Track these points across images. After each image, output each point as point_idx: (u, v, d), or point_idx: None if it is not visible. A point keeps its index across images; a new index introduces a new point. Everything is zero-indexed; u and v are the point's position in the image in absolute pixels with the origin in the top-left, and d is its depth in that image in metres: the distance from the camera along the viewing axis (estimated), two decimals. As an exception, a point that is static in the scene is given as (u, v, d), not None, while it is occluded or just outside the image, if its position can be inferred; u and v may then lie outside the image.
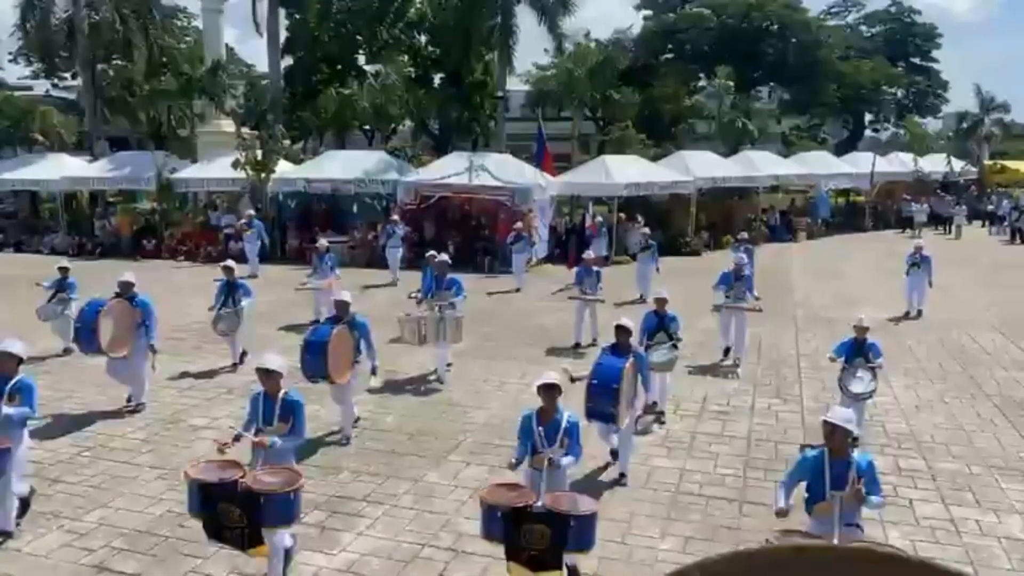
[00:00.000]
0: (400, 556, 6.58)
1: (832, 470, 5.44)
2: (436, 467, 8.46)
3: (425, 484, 7.96)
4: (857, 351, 9.33)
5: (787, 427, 9.82)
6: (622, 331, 7.90)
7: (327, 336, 8.64)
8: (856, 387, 9.12)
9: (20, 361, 6.95)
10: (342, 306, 9.13)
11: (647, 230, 19.35)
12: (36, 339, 11.60)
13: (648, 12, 48.24)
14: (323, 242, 15.75)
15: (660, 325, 9.92)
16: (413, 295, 12.64)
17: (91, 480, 8.03)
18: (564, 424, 6.15)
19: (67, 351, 12.29)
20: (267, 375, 6.37)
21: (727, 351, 12.69)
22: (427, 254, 14.27)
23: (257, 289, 13.03)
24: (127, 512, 7.30)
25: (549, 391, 6.18)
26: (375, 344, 9.42)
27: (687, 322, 12.55)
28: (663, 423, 9.83)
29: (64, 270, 13.04)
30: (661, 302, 10.04)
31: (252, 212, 22.18)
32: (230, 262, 12.49)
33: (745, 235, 18.25)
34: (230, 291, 11.90)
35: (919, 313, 16.14)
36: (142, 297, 10.18)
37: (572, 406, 6.82)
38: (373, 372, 9.47)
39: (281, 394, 6.38)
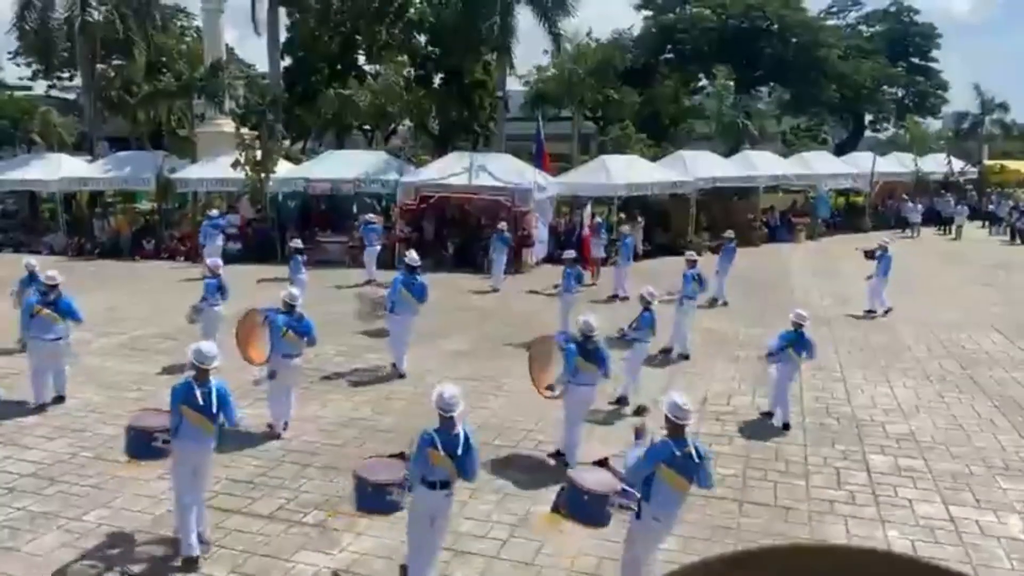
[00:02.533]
0: (400, 556, 6.57)
1: None
2: (436, 467, 8.45)
3: (424, 484, 7.94)
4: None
5: (787, 427, 9.83)
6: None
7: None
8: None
9: None
10: (283, 302, 9.59)
11: (626, 228, 19.65)
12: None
13: (648, 12, 48.19)
14: (296, 242, 16.98)
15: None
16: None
17: (91, 480, 8.04)
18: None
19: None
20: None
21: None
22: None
23: (234, 290, 13.08)
24: (127, 512, 7.31)
25: None
26: (279, 348, 9.24)
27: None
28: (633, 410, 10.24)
29: (30, 270, 12.68)
30: (642, 299, 10.63)
31: (215, 212, 22.26)
32: (215, 261, 13.47)
33: (731, 234, 18.19)
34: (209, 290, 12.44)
35: (887, 311, 16.25)
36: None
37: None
38: (270, 376, 9.29)
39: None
